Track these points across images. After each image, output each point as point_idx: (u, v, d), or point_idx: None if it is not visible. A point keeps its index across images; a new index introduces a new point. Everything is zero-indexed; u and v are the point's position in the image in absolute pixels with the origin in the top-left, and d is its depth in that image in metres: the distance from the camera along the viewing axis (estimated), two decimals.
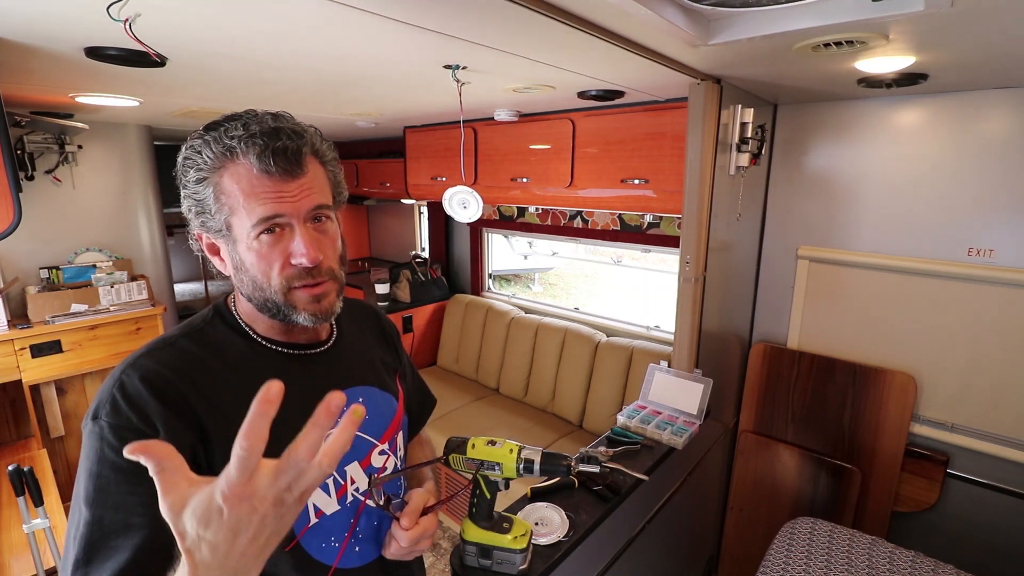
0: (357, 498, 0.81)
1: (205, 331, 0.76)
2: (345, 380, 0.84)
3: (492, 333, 3.27)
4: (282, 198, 0.68)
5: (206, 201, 0.69)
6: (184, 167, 0.70)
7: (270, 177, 0.68)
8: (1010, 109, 1.57)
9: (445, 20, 1.01)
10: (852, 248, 1.91)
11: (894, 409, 1.86)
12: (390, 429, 0.88)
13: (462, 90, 1.62)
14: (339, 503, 0.79)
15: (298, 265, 0.70)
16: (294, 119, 0.74)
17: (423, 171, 3.02)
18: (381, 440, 0.86)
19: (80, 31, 1.10)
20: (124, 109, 2.33)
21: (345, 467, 0.81)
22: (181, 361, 0.70)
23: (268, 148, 0.67)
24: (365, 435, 0.84)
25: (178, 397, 0.67)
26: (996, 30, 1.03)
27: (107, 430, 0.63)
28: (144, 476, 0.56)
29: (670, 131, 1.96)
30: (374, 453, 0.85)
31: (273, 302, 0.72)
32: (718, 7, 1.02)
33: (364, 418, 0.55)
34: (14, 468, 1.64)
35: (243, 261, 0.71)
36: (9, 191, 1.12)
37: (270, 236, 0.69)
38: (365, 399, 0.85)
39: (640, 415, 1.68)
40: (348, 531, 0.80)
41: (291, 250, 0.70)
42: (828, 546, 1.52)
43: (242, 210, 0.68)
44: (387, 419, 0.88)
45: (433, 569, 2.48)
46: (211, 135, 0.69)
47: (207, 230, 0.72)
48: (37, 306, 2.56)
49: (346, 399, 0.48)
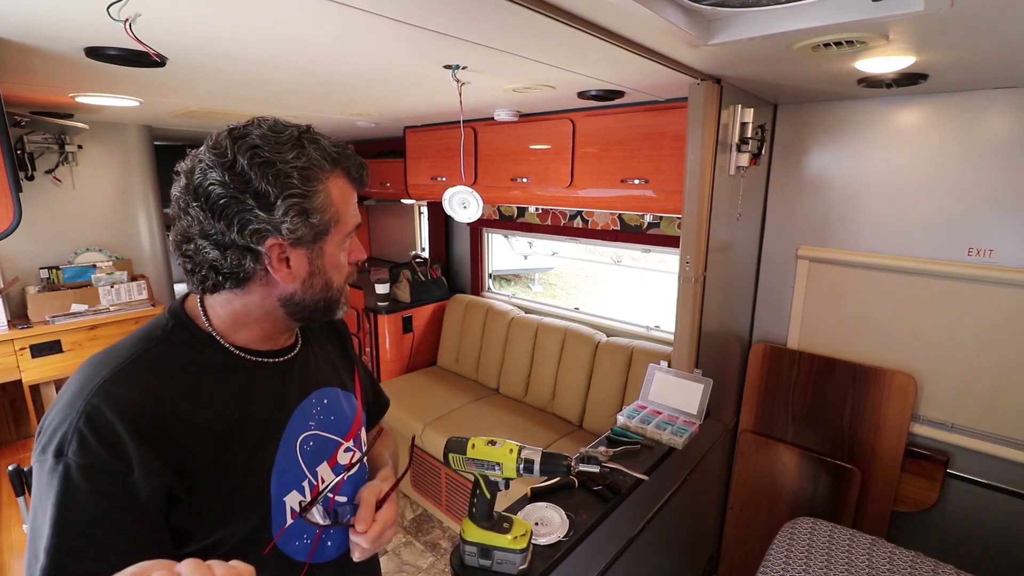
0: (327, 496, 0.84)
1: (171, 343, 0.71)
2: (313, 383, 0.86)
3: (492, 333, 3.27)
4: (357, 204, 0.78)
5: (315, 207, 0.70)
6: (293, 169, 0.67)
7: (356, 190, 0.77)
8: (1010, 109, 1.57)
9: (445, 20, 1.01)
10: (852, 248, 1.91)
11: (894, 409, 1.86)
12: (354, 426, 0.91)
13: (462, 90, 1.62)
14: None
15: (355, 262, 0.80)
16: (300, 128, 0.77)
17: (423, 171, 3.02)
18: (346, 438, 0.88)
19: (80, 31, 1.09)
20: (124, 109, 2.33)
21: (316, 468, 0.82)
22: (155, 383, 0.66)
23: (354, 163, 0.75)
24: (330, 435, 0.86)
25: (157, 430, 0.63)
26: (996, 30, 1.03)
27: (75, 470, 0.58)
28: (118, 519, 0.60)
29: (670, 131, 1.96)
30: (340, 451, 0.87)
31: (333, 300, 0.78)
32: (718, 7, 1.02)
33: None
34: (14, 468, 1.64)
35: (324, 266, 0.75)
36: (9, 191, 1.12)
37: (351, 240, 0.78)
38: (329, 400, 0.87)
39: (640, 415, 1.68)
40: (319, 529, 0.81)
41: (352, 251, 0.78)
42: (828, 546, 1.52)
43: (346, 217, 0.75)
44: (350, 418, 0.91)
45: (433, 569, 2.48)
46: (310, 144, 0.70)
47: (298, 239, 0.69)
48: (37, 306, 2.56)
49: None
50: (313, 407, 0.83)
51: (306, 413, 0.82)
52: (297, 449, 0.79)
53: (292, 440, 0.78)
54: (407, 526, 2.78)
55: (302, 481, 0.79)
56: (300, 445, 0.79)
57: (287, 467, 0.77)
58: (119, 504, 0.60)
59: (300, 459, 0.79)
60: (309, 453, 0.81)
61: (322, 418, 0.85)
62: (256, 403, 0.75)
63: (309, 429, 0.81)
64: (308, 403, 0.83)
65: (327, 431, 0.85)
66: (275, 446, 0.76)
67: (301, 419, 0.81)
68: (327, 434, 0.85)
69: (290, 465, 0.77)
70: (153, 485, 0.62)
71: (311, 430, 0.82)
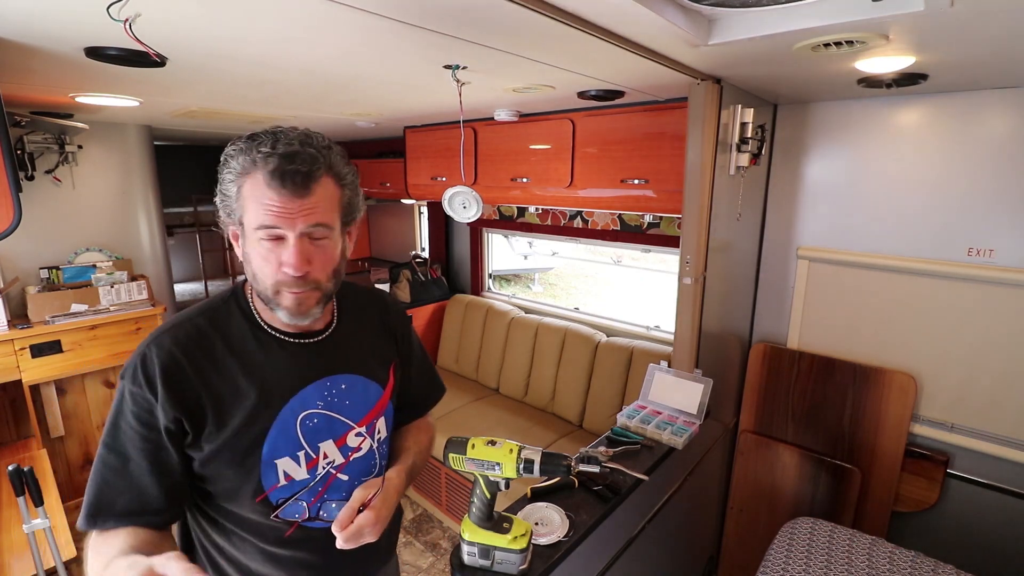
0: (328, 471, 0.92)
1: (219, 313, 0.89)
2: (332, 367, 0.93)
3: (492, 333, 3.27)
4: (282, 213, 0.78)
5: (231, 198, 0.81)
6: (222, 167, 0.81)
7: (277, 192, 0.77)
8: (1010, 109, 1.57)
9: (445, 20, 1.01)
10: (852, 248, 1.91)
11: (894, 409, 1.86)
12: (370, 414, 0.97)
13: (462, 90, 1.62)
14: (308, 473, 0.91)
15: (284, 274, 0.80)
16: (323, 140, 0.83)
17: (423, 171, 3.02)
18: (359, 423, 0.96)
19: (80, 31, 1.10)
20: (124, 109, 2.33)
21: (319, 443, 0.91)
22: (192, 342, 0.84)
23: (279, 169, 0.76)
24: (341, 417, 0.93)
25: (180, 379, 0.82)
26: (996, 30, 1.03)
27: (126, 391, 0.82)
28: (141, 431, 0.81)
29: (670, 131, 1.96)
30: (350, 434, 0.95)
31: (264, 295, 0.84)
32: (718, 7, 1.02)
33: None
34: (14, 468, 1.64)
35: (248, 255, 0.83)
36: (9, 191, 1.12)
37: (270, 242, 0.80)
38: (348, 385, 0.94)
39: (640, 415, 1.68)
40: (315, 496, 0.92)
41: (283, 259, 0.80)
42: (828, 546, 1.52)
43: (251, 213, 0.79)
44: (368, 405, 0.97)
45: (433, 569, 2.48)
46: (246, 144, 0.79)
47: (226, 220, 0.84)
48: (37, 306, 2.56)
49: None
50: (326, 389, 0.91)
51: (316, 394, 0.90)
52: (297, 423, 0.88)
53: (291, 415, 0.88)
54: (407, 526, 2.78)
55: (297, 451, 0.88)
56: (302, 420, 0.89)
57: (281, 436, 0.87)
58: (144, 421, 0.81)
59: (299, 432, 0.88)
60: (311, 429, 0.90)
61: (336, 400, 0.92)
62: (268, 378, 0.87)
63: (316, 408, 0.90)
64: (321, 384, 0.91)
65: (338, 413, 0.93)
66: (272, 416, 0.86)
67: (309, 398, 0.89)
68: (337, 415, 0.92)
69: (285, 435, 0.87)
70: (167, 417, 0.81)
71: (318, 409, 0.90)
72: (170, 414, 0.80)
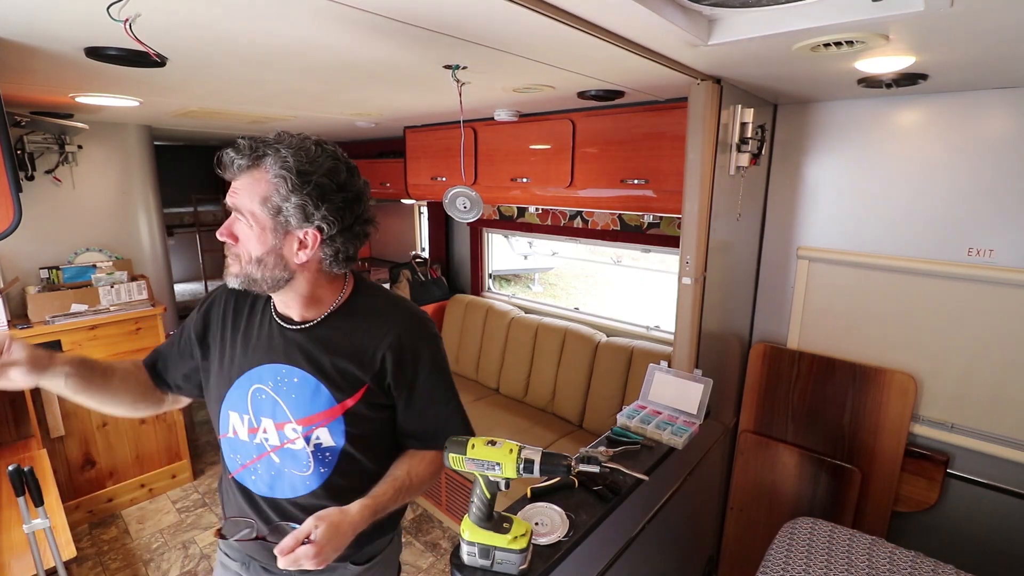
0: (263, 444, 1.01)
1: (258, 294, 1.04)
2: (291, 358, 1.00)
3: (492, 333, 3.27)
4: (231, 191, 0.93)
5: None
6: None
7: (227, 175, 0.93)
8: (1010, 109, 1.57)
9: (445, 20, 1.01)
10: (852, 248, 1.91)
11: (894, 409, 1.86)
12: (310, 418, 0.99)
13: (462, 90, 1.62)
14: (248, 438, 1.02)
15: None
16: (285, 143, 0.91)
17: (423, 171, 3.02)
18: (298, 420, 0.99)
19: (80, 31, 1.10)
20: (124, 109, 2.33)
21: (261, 416, 1.01)
22: (230, 303, 1.09)
23: (221, 153, 0.90)
24: (284, 406, 1.00)
25: (210, 317, 1.10)
26: (996, 30, 1.03)
27: (196, 310, 1.13)
28: (186, 331, 1.12)
29: (670, 131, 1.96)
30: (287, 426, 1.00)
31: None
32: (718, 7, 1.02)
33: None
34: (14, 468, 1.64)
35: None
36: (9, 191, 1.12)
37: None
38: (300, 380, 0.99)
39: (640, 415, 1.68)
40: (249, 460, 1.04)
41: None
42: (828, 546, 1.51)
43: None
44: (312, 408, 0.99)
45: (433, 569, 2.48)
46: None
47: None
48: (37, 306, 2.56)
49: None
50: (280, 375, 1.00)
51: (269, 375, 1.00)
52: (249, 392, 1.01)
53: (246, 383, 1.01)
54: (407, 526, 2.78)
55: (243, 413, 1.02)
56: (252, 392, 1.01)
57: (235, 395, 1.03)
58: (192, 325, 1.11)
59: (248, 400, 1.01)
60: (257, 402, 1.01)
61: (284, 389, 1.00)
62: (251, 344, 1.03)
63: (266, 385, 1.00)
64: (276, 368, 1.00)
65: (283, 400, 1.00)
66: (235, 377, 1.02)
67: (264, 375, 1.00)
68: (280, 402, 1.00)
69: (238, 396, 1.02)
70: (195, 332, 1.10)
71: (267, 387, 1.00)
72: (195, 331, 1.09)
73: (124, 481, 2.91)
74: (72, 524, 2.31)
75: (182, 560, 2.52)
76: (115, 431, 2.86)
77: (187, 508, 2.92)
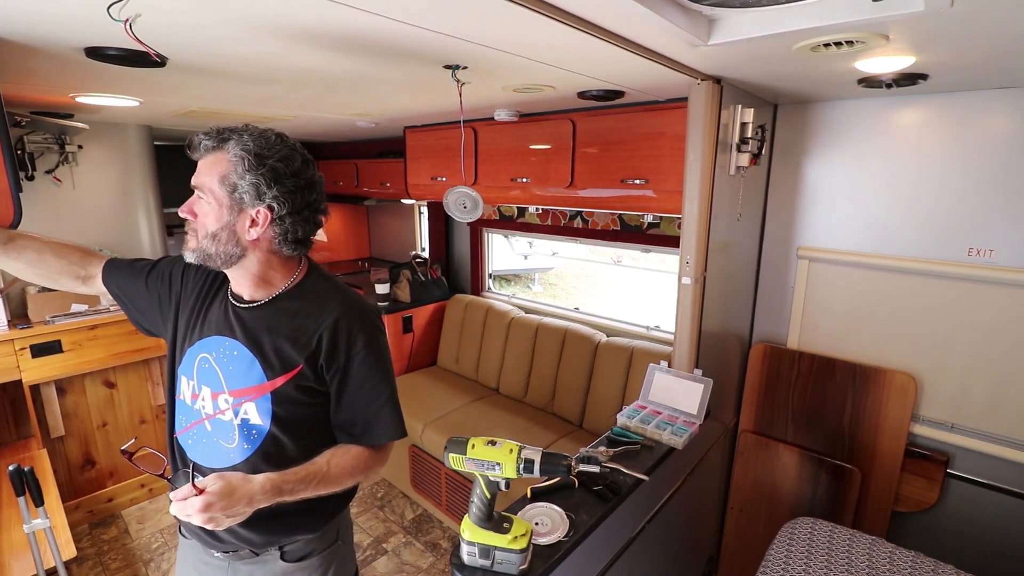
0: (200, 411, 1.07)
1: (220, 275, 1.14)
2: (233, 331, 1.06)
3: (492, 333, 3.27)
4: (196, 171, 1.01)
5: None
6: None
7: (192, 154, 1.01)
8: (1010, 109, 1.57)
9: (445, 20, 1.01)
10: (852, 248, 1.91)
11: (894, 409, 1.86)
12: (241, 391, 1.04)
13: (462, 90, 1.62)
14: (191, 403, 1.09)
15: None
16: (249, 133, 1.00)
17: (423, 171, 3.02)
18: (230, 392, 1.05)
19: (80, 31, 1.10)
20: (124, 109, 2.33)
21: (202, 384, 1.07)
22: (205, 275, 1.15)
23: (192, 136, 0.99)
24: (221, 377, 1.05)
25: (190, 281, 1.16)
26: (996, 30, 1.03)
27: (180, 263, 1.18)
28: (148, 269, 1.20)
29: (670, 131, 1.96)
30: (220, 396, 1.05)
31: None
32: (718, 7, 1.02)
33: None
34: (14, 468, 1.65)
35: None
36: (9, 191, 1.12)
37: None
38: (238, 353, 1.04)
39: (640, 415, 1.68)
40: (189, 425, 1.09)
41: None
42: (828, 546, 1.51)
43: None
44: (244, 381, 1.04)
45: (433, 569, 2.48)
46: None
47: None
48: (37, 306, 2.56)
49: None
50: (223, 347, 1.06)
51: (213, 345, 1.07)
52: (195, 360, 1.08)
53: (195, 352, 1.09)
54: (407, 526, 2.78)
55: (190, 379, 1.09)
56: (199, 360, 1.08)
57: (187, 361, 1.10)
58: (158, 266, 1.20)
59: (195, 367, 1.08)
60: (201, 370, 1.08)
61: (223, 360, 1.06)
62: (207, 320, 1.10)
63: (210, 355, 1.07)
64: (220, 340, 1.06)
65: (220, 371, 1.06)
66: (188, 345, 1.10)
67: (210, 345, 1.07)
68: (219, 372, 1.06)
69: (188, 363, 1.10)
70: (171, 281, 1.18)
71: (211, 356, 1.07)
72: (181, 286, 1.15)
73: (124, 481, 2.91)
74: (72, 524, 2.31)
75: None
76: (115, 431, 2.86)
77: None
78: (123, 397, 2.88)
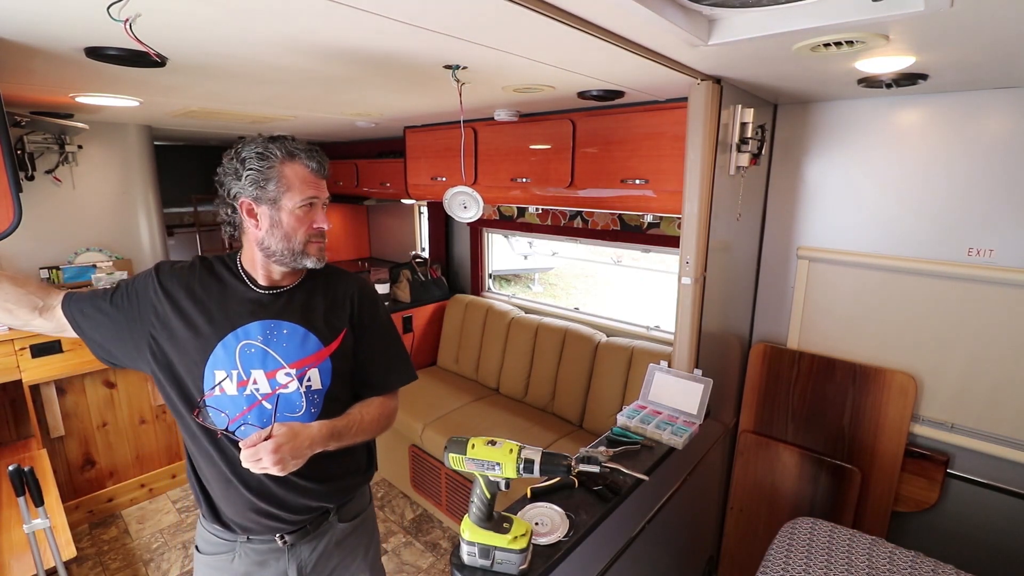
0: (253, 394, 1.11)
1: (215, 264, 1.19)
2: (279, 314, 1.14)
3: (492, 333, 3.27)
4: (317, 188, 1.12)
5: (269, 179, 1.07)
6: (251, 156, 1.07)
7: (314, 173, 1.11)
8: (1010, 109, 1.57)
9: (445, 20, 1.01)
10: (852, 248, 1.91)
11: (894, 409, 1.86)
12: (302, 361, 1.14)
13: (462, 90, 1.62)
14: (238, 391, 1.10)
15: (318, 229, 1.13)
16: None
17: (423, 171, 3.02)
18: (290, 365, 1.13)
19: (80, 31, 1.10)
20: (124, 109, 2.33)
21: (251, 369, 1.11)
22: (185, 274, 1.16)
23: (313, 158, 1.11)
24: (276, 355, 1.12)
25: (171, 285, 1.14)
26: (996, 30, 1.03)
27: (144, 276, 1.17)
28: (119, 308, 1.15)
29: (670, 131, 1.96)
30: (280, 372, 1.12)
31: (293, 251, 1.11)
32: (718, 7, 1.02)
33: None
34: (14, 468, 1.65)
35: (283, 221, 1.09)
36: (9, 191, 1.13)
37: (306, 208, 1.11)
38: (289, 331, 1.14)
39: (640, 415, 1.68)
40: (240, 413, 1.11)
41: (316, 220, 1.12)
42: (828, 546, 1.51)
43: (296, 190, 1.09)
44: (303, 352, 1.14)
45: (433, 569, 2.48)
46: (274, 142, 1.08)
47: (255, 199, 1.08)
48: None
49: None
50: (269, 329, 1.13)
51: (258, 330, 1.12)
52: (236, 349, 1.11)
53: (233, 342, 1.11)
54: (407, 526, 2.78)
55: (231, 369, 1.10)
56: (241, 348, 1.11)
57: (220, 354, 1.10)
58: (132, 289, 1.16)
59: (236, 356, 1.11)
60: (246, 356, 1.11)
61: (274, 340, 1.13)
62: (227, 309, 1.13)
63: (255, 340, 1.12)
64: (266, 324, 1.13)
65: (273, 350, 1.12)
66: (217, 339, 1.11)
67: (252, 331, 1.12)
68: (272, 352, 1.12)
69: (224, 354, 1.10)
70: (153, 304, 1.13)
71: (256, 341, 1.12)
72: (160, 296, 1.12)
73: (124, 481, 2.91)
74: (72, 524, 2.31)
75: (182, 560, 2.52)
76: (115, 431, 2.86)
77: (187, 508, 2.92)
78: (123, 397, 2.88)
